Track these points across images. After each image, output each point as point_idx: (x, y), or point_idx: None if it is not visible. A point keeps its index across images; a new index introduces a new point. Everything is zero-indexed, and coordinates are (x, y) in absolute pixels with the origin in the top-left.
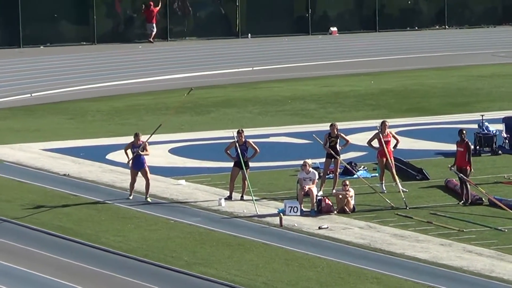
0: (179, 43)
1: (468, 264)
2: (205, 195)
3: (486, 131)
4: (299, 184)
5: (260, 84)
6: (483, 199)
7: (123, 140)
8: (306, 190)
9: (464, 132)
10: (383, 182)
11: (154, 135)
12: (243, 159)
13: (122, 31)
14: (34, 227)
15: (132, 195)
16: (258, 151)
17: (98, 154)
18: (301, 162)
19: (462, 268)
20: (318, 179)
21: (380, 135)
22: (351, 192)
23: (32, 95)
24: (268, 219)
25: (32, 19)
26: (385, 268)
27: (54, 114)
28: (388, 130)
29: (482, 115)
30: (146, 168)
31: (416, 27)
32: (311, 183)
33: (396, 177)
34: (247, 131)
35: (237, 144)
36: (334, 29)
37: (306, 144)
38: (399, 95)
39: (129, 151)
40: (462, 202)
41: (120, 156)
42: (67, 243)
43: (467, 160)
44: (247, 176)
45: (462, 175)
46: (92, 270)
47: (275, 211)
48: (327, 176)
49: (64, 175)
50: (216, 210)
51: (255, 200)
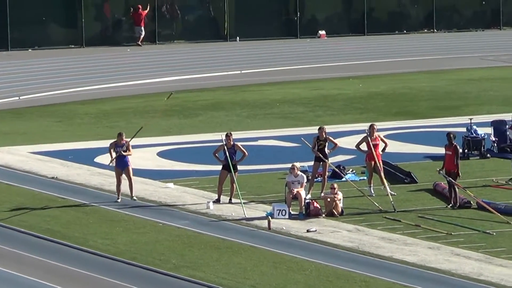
0: (167, 46)
1: (457, 267)
2: (193, 198)
3: (475, 135)
4: (288, 187)
5: (248, 87)
6: (472, 202)
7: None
8: (294, 193)
9: (452, 135)
10: (372, 185)
11: (143, 138)
12: (232, 162)
13: (111, 34)
14: (22, 230)
15: (120, 198)
16: (246, 154)
17: (86, 157)
18: (289, 165)
19: (450, 271)
20: (306, 182)
21: (369, 138)
22: (340, 195)
23: (20, 98)
24: (256, 222)
25: (20, 22)
26: (373, 271)
27: (43, 117)
28: (376, 134)
29: (471, 119)
30: (130, 168)
31: (405, 31)
32: (300, 186)
33: (385, 180)
34: (236, 134)
35: (225, 147)
36: (323, 32)
37: (295, 148)
38: (387, 99)
39: (112, 151)
40: (451, 205)
41: (109, 159)
42: (55, 246)
43: (455, 164)
44: (235, 179)
45: (450, 179)
46: (80, 273)
47: (264, 214)
48: (315, 180)
49: (52, 178)
50: (205, 213)
51: (244, 203)
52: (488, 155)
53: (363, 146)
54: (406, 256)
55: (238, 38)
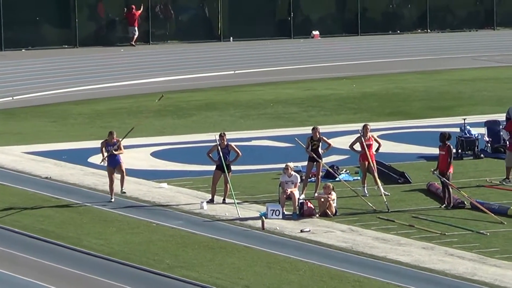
0: (161, 46)
1: (450, 267)
2: (187, 198)
3: (468, 135)
4: (281, 188)
5: (242, 88)
6: (465, 202)
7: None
8: (288, 193)
9: (446, 135)
10: (365, 185)
11: (136, 138)
12: (225, 163)
13: (104, 34)
14: (16, 230)
15: (113, 198)
16: (240, 154)
17: (80, 157)
18: (283, 166)
19: (444, 272)
20: (300, 182)
21: (362, 138)
22: (333, 195)
23: (14, 98)
24: (250, 222)
25: (13, 22)
26: (367, 271)
27: (36, 117)
28: (370, 134)
29: (464, 119)
30: (122, 164)
31: (398, 31)
32: (293, 187)
33: (378, 180)
34: (229, 135)
35: (219, 148)
36: (316, 32)
37: (288, 148)
38: (381, 99)
39: (104, 150)
40: (444, 205)
41: (100, 158)
42: (49, 246)
43: (448, 163)
44: (229, 179)
45: (444, 179)
46: (74, 273)
47: (257, 214)
48: (309, 180)
49: (46, 178)
50: (198, 213)
51: (237, 203)
52: (482, 155)
53: (357, 146)
54: (400, 256)
55: (231, 38)
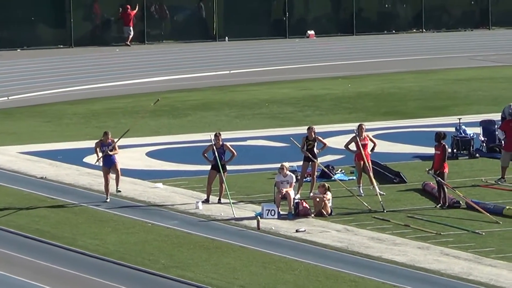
0: (156, 46)
1: (446, 267)
2: (182, 198)
3: (464, 135)
4: (277, 187)
5: (237, 87)
6: (461, 202)
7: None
8: (283, 193)
9: (441, 135)
10: (361, 185)
11: (132, 138)
12: (221, 162)
13: (99, 34)
14: (11, 230)
15: (109, 198)
16: (235, 154)
17: (75, 157)
18: (278, 165)
19: (440, 271)
20: (295, 182)
21: (358, 138)
22: (329, 195)
23: (9, 98)
24: (245, 222)
25: (9, 22)
26: (362, 271)
27: (31, 117)
28: (365, 133)
29: (460, 119)
30: (117, 164)
31: (394, 31)
32: (289, 186)
33: (374, 180)
34: (225, 134)
35: (214, 147)
36: (312, 32)
37: (284, 147)
38: (376, 99)
39: (99, 150)
40: (440, 205)
41: (95, 158)
42: (44, 246)
43: (441, 162)
44: (224, 179)
45: (439, 179)
46: (70, 273)
47: (253, 214)
48: (304, 179)
49: (41, 178)
50: (193, 213)
51: (232, 203)
52: (477, 155)
53: (352, 146)
54: (395, 256)
55: (227, 38)
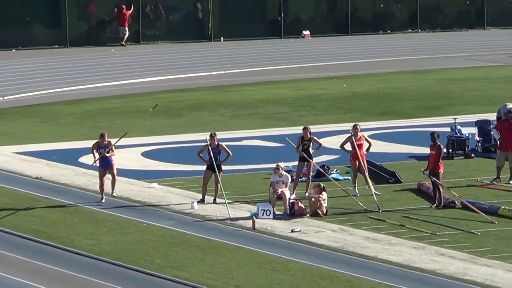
0: (151, 46)
1: (441, 267)
2: (177, 198)
3: (459, 135)
4: (272, 187)
5: (232, 87)
6: (456, 202)
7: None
8: (278, 193)
9: (436, 135)
10: (356, 185)
11: (127, 138)
12: (216, 162)
13: (95, 34)
14: (7, 230)
15: (104, 198)
16: (230, 154)
17: (70, 157)
18: (273, 165)
19: (435, 271)
20: (290, 182)
21: (353, 138)
22: (324, 195)
23: (4, 98)
24: (240, 222)
25: (4, 22)
26: (358, 271)
27: (27, 117)
28: (360, 133)
29: (455, 119)
30: (114, 166)
31: (389, 31)
32: (284, 186)
33: (369, 180)
34: (220, 135)
35: (209, 147)
36: (307, 32)
37: (279, 148)
38: (371, 99)
39: (95, 152)
40: (435, 205)
41: (92, 160)
42: (40, 246)
43: (436, 162)
44: (219, 179)
45: (434, 179)
46: (65, 273)
47: (248, 214)
48: (299, 180)
49: (37, 178)
50: (189, 213)
51: (228, 203)
52: (473, 155)
53: (348, 146)
54: (390, 256)
55: (222, 38)
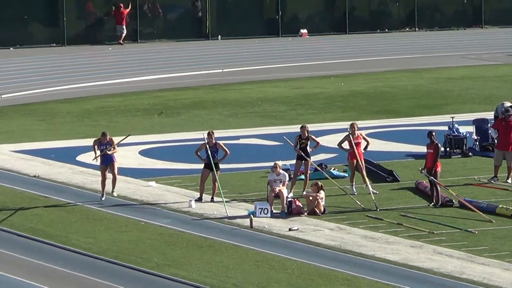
0: (149, 45)
1: (439, 265)
2: (175, 196)
3: (457, 133)
4: (270, 186)
5: (230, 86)
6: (454, 201)
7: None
8: (276, 191)
9: (433, 134)
10: (354, 184)
11: (129, 138)
12: (213, 161)
13: (92, 33)
14: (4, 228)
15: (104, 196)
16: (228, 153)
17: (68, 156)
18: (271, 164)
19: (433, 270)
20: (288, 181)
21: (351, 136)
22: (322, 194)
23: (2, 96)
24: (238, 220)
25: (1, 20)
26: (355, 269)
27: (24, 116)
28: (358, 132)
29: (453, 117)
30: (115, 164)
31: (386, 29)
32: (282, 185)
33: (367, 179)
34: (217, 133)
35: (207, 146)
36: (304, 31)
37: (277, 146)
38: (369, 97)
39: (96, 148)
40: (433, 204)
41: (91, 157)
42: (38, 244)
43: (434, 161)
44: (217, 178)
45: (432, 178)
46: (63, 271)
47: (246, 213)
48: (297, 178)
49: (34, 176)
50: (187, 212)
51: (226, 201)
52: (470, 153)
53: (345, 145)
54: (388, 254)
55: (219, 36)
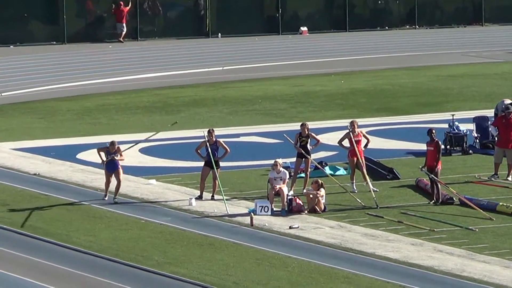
0: (149, 42)
1: (439, 263)
2: (175, 194)
3: (457, 131)
4: (270, 184)
5: (230, 84)
6: (454, 198)
7: (93, 139)
8: (276, 189)
9: (433, 131)
10: (354, 181)
11: (125, 134)
12: (214, 159)
13: (92, 30)
14: (5, 226)
15: (107, 196)
16: (228, 150)
17: (68, 154)
18: (271, 162)
19: (433, 268)
20: (288, 178)
21: (351, 134)
22: (322, 191)
23: (2, 94)
24: (238, 218)
25: (1, 18)
26: (356, 267)
27: (25, 114)
28: (358, 130)
29: (453, 115)
30: (120, 170)
31: (387, 27)
32: (282, 183)
33: (367, 176)
34: (218, 131)
35: (207, 144)
36: (305, 29)
37: (277, 144)
38: (369, 95)
39: (102, 154)
40: (433, 201)
41: (91, 155)
42: (38, 242)
43: (437, 159)
44: (217, 176)
45: (432, 176)
46: (63, 269)
47: (246, 211)
48: (297, 176)
49: (35, 174)
50: (187, 210)
51: (226, 199)
52: (470, 151)
53: (346, 143)
54: (388, 252)
55: (219, 34)
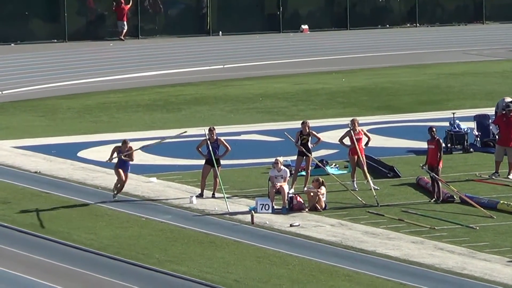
0: (150, 40)
1: (440, 261)
2: (176, 192)
3: (458, 129)
4: (271, 182)
5: (231, 82)
6: (455, 197)
7: (94, 137)
8: (277, 187)
9: (434, 129)
10: (355, 179)
11: (126, 132)
12: (215, 157)
13: (93, 28)
14: (5, 224)
15: (117, 195)
16: (229, 149)
17: (69, 152)
18: (272, 160)
19: (434, 266)
20: (289, 176)
21: (352, 132)
22: (323, 189)
23: (3, 92)
24: (239, 216)
25: (2, 16)
26: (356, 265)
27: (25, 112)
28: (359, 128)
29: (454, 113)
30: (127, 173)
31: (387, 25)
32: (283, 181)
33: (368, 174)
34: (219, 129)
35: (208, 142)
36: (305, 27)
37: (278, 142)
38: (370, 93)
39: (114, 153)
40: (434, 199)
41: (92, 153)
42: (38, 240)
43: (438, 157)
44: (218, 174)
45: (433, 174)
46: (64, 267)
47: (247, 209)
48: (298, 174)
49: (36, 172)
50: (188, 208)
51: (227, 197)
52: (471, 149)
53: (346, 141)
54: (389, 250)
55: (220, 32)
